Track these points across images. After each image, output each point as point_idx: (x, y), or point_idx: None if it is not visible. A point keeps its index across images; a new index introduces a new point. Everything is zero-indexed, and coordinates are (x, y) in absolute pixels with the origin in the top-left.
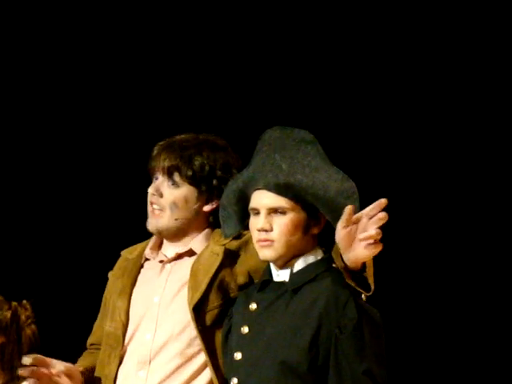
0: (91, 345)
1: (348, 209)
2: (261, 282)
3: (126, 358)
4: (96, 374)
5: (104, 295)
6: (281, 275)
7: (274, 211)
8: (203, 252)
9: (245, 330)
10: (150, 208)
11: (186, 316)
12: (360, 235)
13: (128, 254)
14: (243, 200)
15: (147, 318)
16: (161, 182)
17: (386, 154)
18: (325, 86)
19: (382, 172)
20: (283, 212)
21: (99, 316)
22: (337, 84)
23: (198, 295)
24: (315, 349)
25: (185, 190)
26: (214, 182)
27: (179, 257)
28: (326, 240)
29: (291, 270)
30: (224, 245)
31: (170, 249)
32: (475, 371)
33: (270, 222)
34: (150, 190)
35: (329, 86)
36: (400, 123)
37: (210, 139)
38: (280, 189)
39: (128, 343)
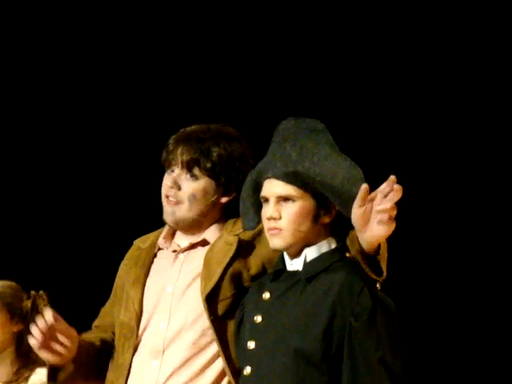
0: (95, 327)
1: (364, 188)
2: (274, 271)
3: (140, 347)
4: (110, 363)
5: (115, 283)
6: (294, 264)
7: (283, 199)
8: (217, 242)
9: (258, 319)
10: (165, 200)
11: (199, 306)
12: (377, 207)
13: (141, 243)
14: (258, 191)
15: (161, 308)
16: (178, 175)
17: (395, 140)
18: (336, 76)
19: (390, 159)
20: (292, 200)
21: (109, 302)
22: (348, 74)
23: (210, 285)
24: (329, 337)
25: (203, 183)
26: (232, 173)
27: (192, 246)
28: (338, 231)
29: (305, 259)
30: (238, 235)
31: (183, 239)
32: (483, 365)
33: (279, 210)
34: (168, 183)
35: (340, 76)
36: (411, 112)
37: (223, 130)
38: (288, 177)
39: (142, 333)
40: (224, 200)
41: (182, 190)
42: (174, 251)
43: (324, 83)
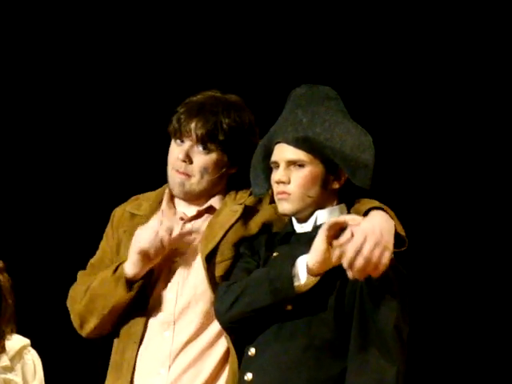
0: None
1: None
2: (284, 234)
3: (151, 318)
4: (122, 332)
5: (105, 251)
6: (304, 227)
7: (292, 164)
8: (222, 209)
9: None
10: (173, 172)
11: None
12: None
13: (133, 209)
14: (268, 157)
15: (169, 277)
16: (189, 148)
17: (405, 106)
18: (347, 43)
19: (399, 125)
20: (301, 165)
21: (97, 263)
22: (361, 43)
23: (211, 246)
24: (341, 297)
25: (215, 156)
26: (242, 144)
27: (199, 215)
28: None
29: (315, 221)
30: (242, 203)
31: (189, 207)
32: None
33: (289, 174)
34: (180, 156)
35: (352, 43)
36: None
37: (231, 99)
38: (298, 142)
39: (149, 303)
40: (233, 171)
41: (193, 163)
42: (182, 219)
43: (333, 49)
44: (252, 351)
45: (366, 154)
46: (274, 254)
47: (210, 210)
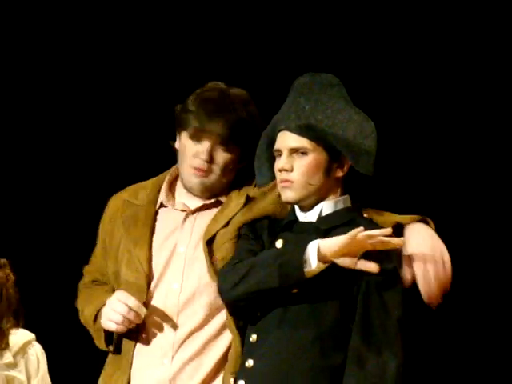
0: (93, 281)
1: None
2: (286, 221)
3: (152, 308)
4: None
5: (102, 241)
6: (308, 217)
7: (295, 152)
8: (227, 203)
9: None
10: (190, 169)
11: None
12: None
13: (131, 198)
14: (271, 146)
15: (172, 269)
16: (212, 147)
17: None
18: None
19: (403, 112)
20: (304, 153)
21: (98, 255)
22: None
23: (213, 231)
24: (349, 284)
25: (235, 152)
26: (255, 138)
27: (204, 207)
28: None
29: (320, 212)
30: (246, 194)
31: (193, 199)
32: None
33: (291, 162)
34: (203, 156)
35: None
36: (430, 69)
37: (240, 94)
38: (301, 129)
39: (153, 293)
40: (243, 164)
41: (214, 161)
42: (183, 211)
43: (333, 38)
44: (253, 337)
45: (368, 141)
46: (279, 240)
47: (216, 203)
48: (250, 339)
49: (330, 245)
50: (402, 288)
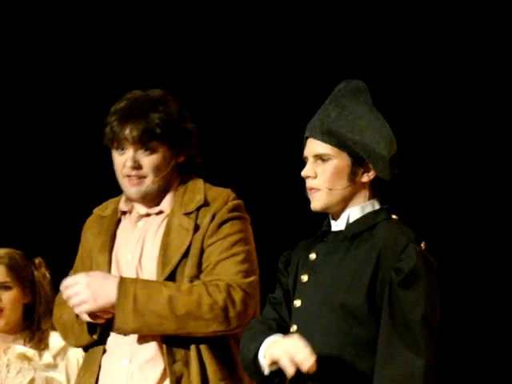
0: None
1: None
2: (320, 233)
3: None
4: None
5: (80, 253)
6: (338, 225)
7: (319, 158)
8: (171, 222)
9: (304, 278)
10: (126, 180)
11: (155, 275)
12: None
13: (100, 211)
14: None
15: (126, 274)
16: (134, 153)
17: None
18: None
19: (423, 119)
20: (327, 159)
21: (79, 270)
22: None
23: (168, 271)
24: (373, 291)
25: (160, 151)
26: (177, 131)
27: (148, 215)
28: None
29: (347, 219)
30: (190, 213)
31: (141, 206)
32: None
33: (315, 169)
34: (128, 163)
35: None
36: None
37: (153, 95)
38: (324, 136)
39: None
40: (180, 160)
41: (143, 166)
42: (140, 216)
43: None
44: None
45: (381, 145)
46: (312, 254)
47: (159, 213)
48: (291, 330)
49: (271, 349)
50: (427, 285)
